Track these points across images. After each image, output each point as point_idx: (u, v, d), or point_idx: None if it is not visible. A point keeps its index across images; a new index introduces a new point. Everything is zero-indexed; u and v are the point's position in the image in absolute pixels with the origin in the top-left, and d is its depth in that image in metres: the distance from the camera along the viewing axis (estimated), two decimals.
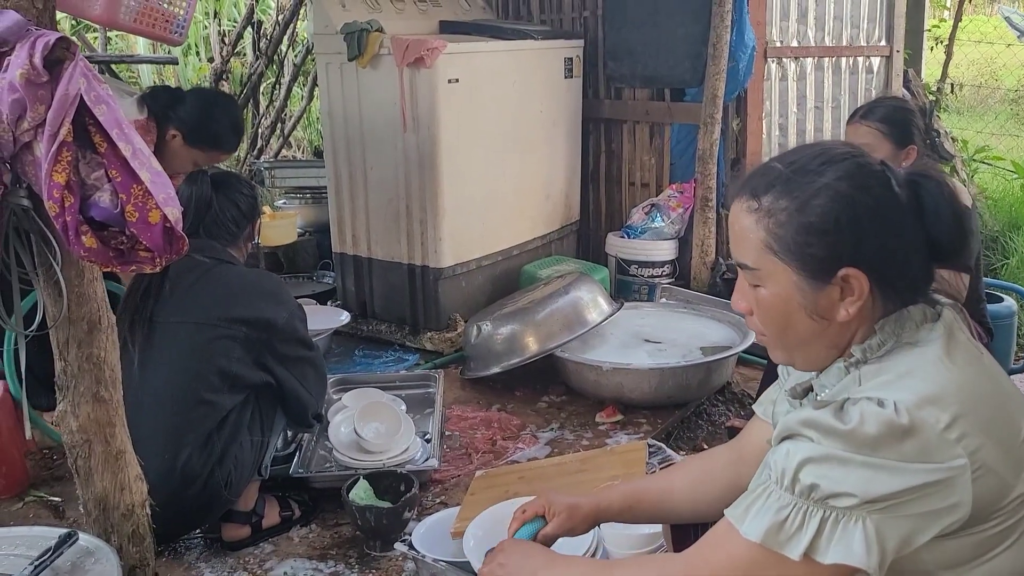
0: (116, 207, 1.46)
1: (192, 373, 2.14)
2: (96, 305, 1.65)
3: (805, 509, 1.02)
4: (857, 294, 1.09)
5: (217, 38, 7.20)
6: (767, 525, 1.04)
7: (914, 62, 5.52)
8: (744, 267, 1.16)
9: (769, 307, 1.14)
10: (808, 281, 1.10)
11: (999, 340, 2.92)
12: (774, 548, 1.03)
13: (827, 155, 1.12)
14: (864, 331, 1.13)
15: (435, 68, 3.33)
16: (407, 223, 3.58)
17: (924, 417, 1.00)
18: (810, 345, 1.15)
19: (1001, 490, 1.02)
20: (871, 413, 1.00)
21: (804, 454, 1.02)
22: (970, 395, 1.04)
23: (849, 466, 0.99)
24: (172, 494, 2.01)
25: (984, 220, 4.68)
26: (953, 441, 0.99)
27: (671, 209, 4.06)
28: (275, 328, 2.22)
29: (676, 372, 2.99)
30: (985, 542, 1.04)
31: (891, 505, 0.99)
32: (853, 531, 0.99)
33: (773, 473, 1.06)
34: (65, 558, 1.51)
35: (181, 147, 2.90)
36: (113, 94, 2.79)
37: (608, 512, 1.50)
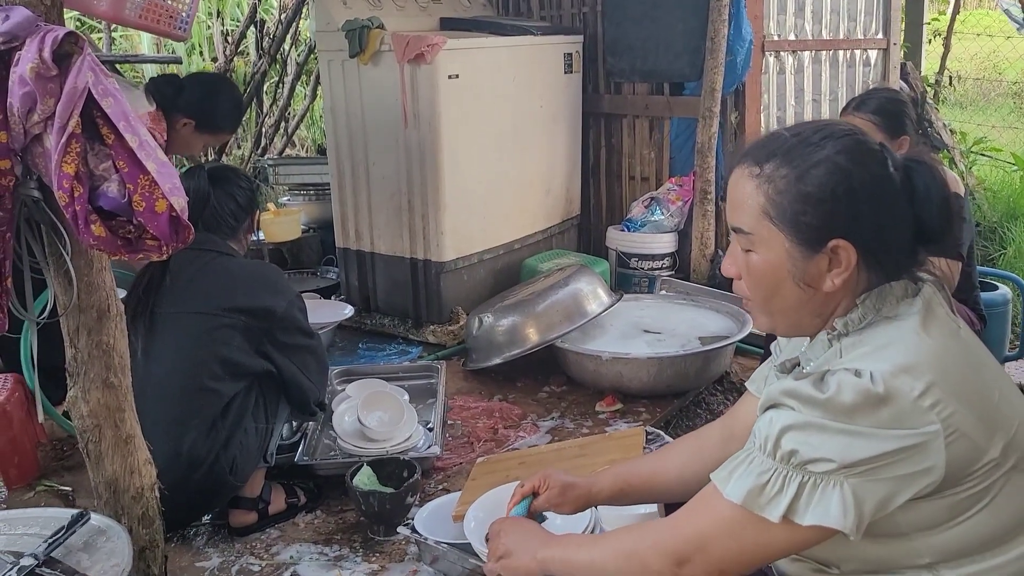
0: (124, 197, 1.51)
1: (194, 361, 2.18)
2: (105, 293, 1.70)
3: (785, 474, 1.07)
4: (844, 265, 1.14)
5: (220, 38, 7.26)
6: (748, 488, 1.08)
7: (913, 55, 5.55)
8: (739, 231, 1.20)
9: (760, 272, 1.18)
10: (799, 249, 1.15)
11: (993, 328, 2.96)
12: (754, 510, 1.08)
13: (828, 130, 1.18)
14: (847, 303, 1.18)
15: (435, 64, 3.37)
16: (409, 218, 3.63)
17: (899, 385, 1.04)
18: (794, 312, 1.19)
19: (974, 454, 1.06)
20: (848, 383, 1.05)
21: (785, 421, 1.07)
22: (944, 364, 1.08)
23: (827, 433, 1.04)
24: (179, 479, 2.06)
25: (982, 211, 4.71)
26: (927, 408, 1.04)
27: (671, 202, 4.10)
28: (275, 317, 2.27)
29: (675, 361, 3.03)
30: (959, 504, 1.08)
31: (868, 470, 1.03)
32: (831, 495, 1.04)
33: (757, 440, 1.11)
34: (78, 536, 1.56)
35: (191, 134, 3.01)
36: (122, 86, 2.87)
37: (600, 496, 1.54)
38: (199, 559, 2.22)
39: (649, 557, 1.18)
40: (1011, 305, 3.33)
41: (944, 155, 5.04)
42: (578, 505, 1.54)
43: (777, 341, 1.51)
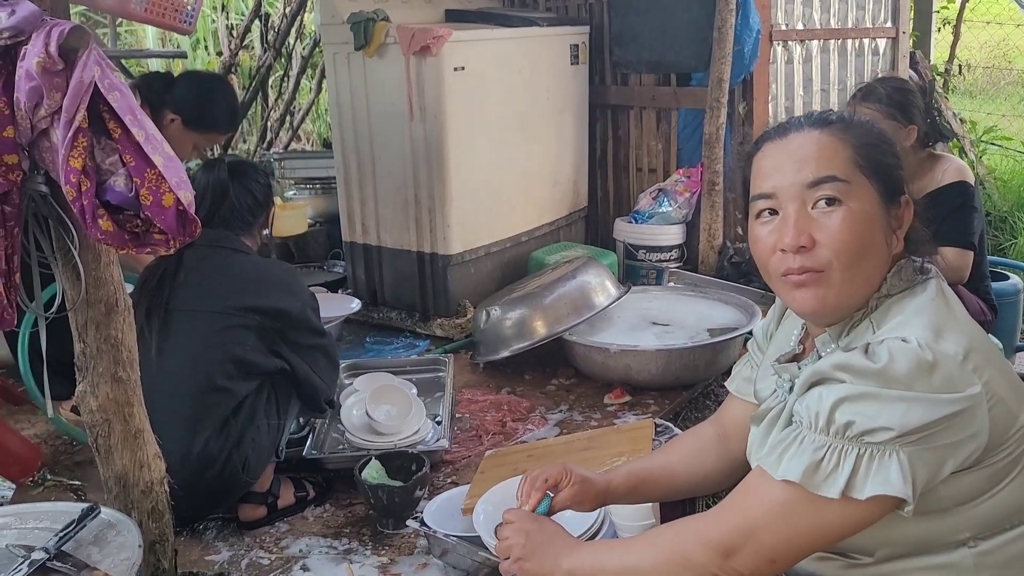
0: (131, 191, 1.50)
1: (207, 360, 2.18)
2: (113, 288, 1.70)
3: (841, 448, 1.04)
4: (906, 223, 1.17)
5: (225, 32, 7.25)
6: (804, 466, 1.05)
7: (923, 43, 5.51)
8: (830, 180, 1.13)
9: (854, 227, 1.12)
10: (884, 202, 1.15)
11: (1004, 317, 2.94)
12: (811, 489, 1.04)
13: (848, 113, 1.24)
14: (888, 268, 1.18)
15: (441, 56, 3.36)
16: (415, 211, 3.62)
17: (944, 350, 1.04)
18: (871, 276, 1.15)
19: (1009, 419, 1.07)
20: (900, 349, 1.03)
21: (838, 394, 1.04)
22: (972, 332, 1.10)
23: (883, 401, 1.02)
24: (191, 477, 2.07)
25: (993, 200, 4.69)
26: (970, 371, 1.04)
27: (678, 194, 4.09)
28: (288, 317, 2.27)
29: (683, 353, 3.02)
30: (995, 474, 1.08)
31: (923, 436, 1.01)
32: (889, 464, 1.01)
33: (805, 418, 1.07)
34: (88, 530, 1.56)
35: (180, 131, 2.96)
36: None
37: (616, 493, 1.51)
38: (209, 552, 2.22)
39: (692, 550, 1.13)
40: (1022, 295, 3.30)
41: (954, 144, 5.01)
42: (596, 503, 1.50)
43: (754, 338, 1.49)
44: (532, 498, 1.45)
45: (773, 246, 1.16)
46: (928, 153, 2.58)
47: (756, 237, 1.20)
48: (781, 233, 1.15)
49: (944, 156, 2.63)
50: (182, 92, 2.92)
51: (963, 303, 2.49)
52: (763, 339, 1.47)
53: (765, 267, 1.20)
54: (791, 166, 1.15)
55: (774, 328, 1.45)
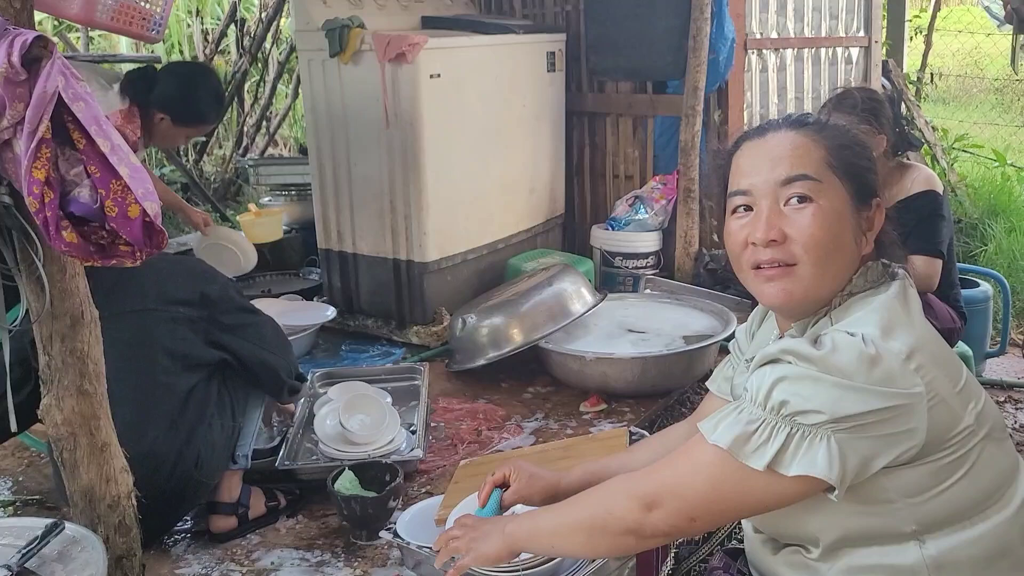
0: (96, 202, 1.48)
1: (142, 359, 2.15)
2: (79, 300, 1.67)
3: (774, 424, 1.07)
4: (876, 226, 1.19)
5: (200, 36, 7.20)
6: (735, 434, 1.09)
7: (895, 52, 5.57)
8: (801, 178, 1.16)
9: (824, 224, 1.15)
10: (856, 203, 1.18)
11: (974, 325, 2.97)
12: (739, 457, 1.08)
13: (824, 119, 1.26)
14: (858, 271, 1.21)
15: (417, 63, 3.35)
16: (392, 218, 3.61)
17: (888, 347, 1.07)
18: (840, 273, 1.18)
19: (951, 420, 1.10)
20: (843, 341, 1.07)
21: (779, 373, 1.08)
22: (922, 334, 1.13)
23: (820, 385, 1.05)
24: (144, 481, 2.02)
25: (964, 207, 4.74)
26: (913, 371, 1.07)
27: (655, 201, 4.10)
28: (212, 301, 2.26)
29: (659, 361, 3.03)
30: (940, 471, 1.10)
31: (856, 426, 1.05)
32: (818, 447, 1.05)
33: (749, 392, 1.12)
34: (52, 547, 1.54)
35: (170, 128, 2.97)
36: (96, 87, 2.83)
37: (569, 488, 1.53)
38: (179, 566, 2.19)
39: (616, 503, 1.18)
40: (992, 302, 3.34)
41: (926, 151, 5.06)
42: (546, 496, 1.54)
43: (736, 339, 1.51)
44: (482, 493, 1.54)
45: (745, 240, 1.20)
46: (898, 162, 2.60)
47: (730, 231, 1.24)
48: (753, 227, 1.18)
49: (914, 165, 2.66)
50: (166, 90, 2.91)
51: (933, 311, 2.53)
52: (745, 340, 1.50)
53: (737, 260, 1.23)
54: (766, 164, 1.19)
55: (756, 328, 1.48)
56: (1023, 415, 3.04)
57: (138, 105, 2.90)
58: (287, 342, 2.48)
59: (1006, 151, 5.51)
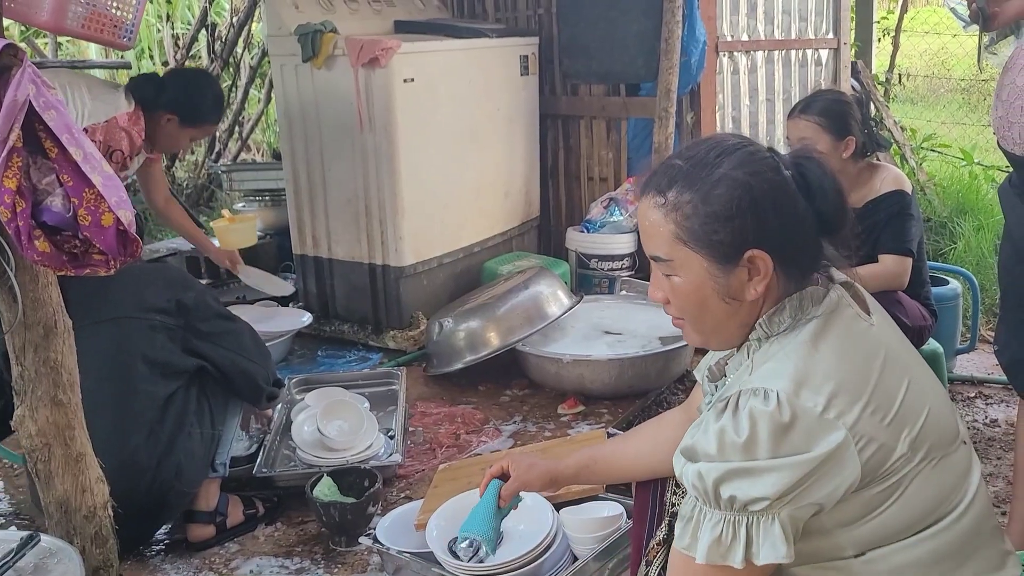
0: (68, 211, 1.47)
1: (120, 367, 2.14)
2: (51, 309, 1.66)
3: (733, 520, 1.12)
4: (763, 273, 1.18)
5: (171, 41, 7.14)
6: (707, 546, 1.13)
7: (864, 53, 5.65)
8: (658, 259, 1.22)
9: (685, 294, 1.21)
10: (718, 266, 1.18)
11: (944, 322, 3.02)
12: (719, 562, 1.12)
13: (721, 147, 1.21)
14: (768, 307, 1.22)
15: (390, 68, 3.35)
16: (367, 223, 3.60)
17: (801, 404, 1.09)
18: (724, 326, 1.23)
19: (883, 455, 1.12)
20: (759, 413, 1.10)
21: (715, 474, 1.11)
22: (839, 372, 1.13)
23: (753, 474, 1.10)
24: (125, 490, 2.01)
25: (933, 206, 4.80)
26: (833, 419, 1.09)
27: (629, 203, 4.11)
28: (188, 308, 2.25)
29: (635, 362, 3.05)
30: (871, 501, 1.13)
31: (794, 496, 1.09)
32: (773, 529, 1.10)
33: (698, 496, 1.15)
34: (27, 560, 1.52)
35: (177, 129, 3.10)
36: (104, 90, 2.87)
37: (565, 474, 1.59)
38: None
39: None
40: (961, 299, 3.39)
41: (895, 151, 5.13)
42: (544, 482, 1.58)
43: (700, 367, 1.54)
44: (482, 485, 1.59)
45: None
46: (867, 163, 2.64)
47: None
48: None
49: (882, 166, 2.69)
50: (174, 91, 3.04)
51: (904, 309, 2.56)
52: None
53: None
54: (642, 235, 1.26)
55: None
56: (993, 410, 3.09)
57: (144, 109, 2.97)
58: (265, 349, 2.48)
59: (973, 150, 5.59)
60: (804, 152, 1.24)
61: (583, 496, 2.11)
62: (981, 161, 5.38)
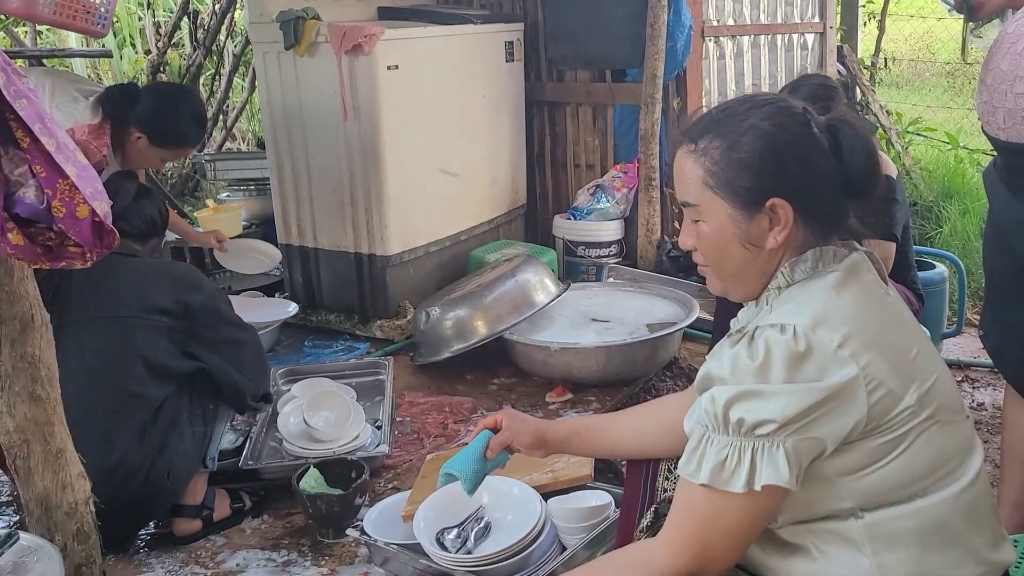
0: (42, 203, 1.44)
1: (115, 368, 2.11)
2: (28, 303, 1.63)
3: (740, 445, 1.14)
4: (783, 223, 1.22)
5: (153, 29, 7.04)
6: (711, 468, 1.15)
7: (850, 38, 5.63)
8: (687, 205, 1.28)
9: (709, 239, 1.26)
10: (741, 212, 1.23)
11: (931, 306, 3.02)
12: (721, 487, 1.14)
13: (752, 101, 1.27)
14: (789, 257, 1.26)
15: (374, 55, 3.31)
16: (352, 212, 3.57)
17: (818, 338, 1.13)
18: (742, 273, 1.27)
19: (891, 402, 1.14)
20: (774, 342, 1.14)
21: (727, 396, 1.14)
22: (858, 319, 1.17)
23: (764, 396, 1.12)
24: (115, 491, 1.99)
25: (919, 190, 4.81)
26: (846, 357, 1.13)
27: (616, 190, 4.10)
28: (194, 312, 2.21)
29: (623, 349, 3.04)
30: (877, 450, 1.15)
31: (802, 425, 1.11)
32: (778, 456, 1.12)
33: (707, 420, 1.17)
34: (6, 558, 1.50)
35: (147, 147, 2.89)
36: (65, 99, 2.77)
37: (554, 437, 1.60)
38: (141, 571, 2.16)
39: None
40: (948, 283, 3.40)
41: (881, 135, 5.12)
42: (534, 438, 1.59)
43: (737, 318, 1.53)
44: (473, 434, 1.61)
45: None
46: None
47: None
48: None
49: None
50: (145, 108, 2.84)
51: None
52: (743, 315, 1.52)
53: None
54: (675, 182, 1.31)
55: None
56: (979, 394, 3.10)
57: (113, 121, 2.82)
58: (265, 365, 2.44)
59: (958, 134, 5.59)
60: (841, 114, 1.28)
61: (571, 486, 2.10)
62: (966, 145, 5.38)
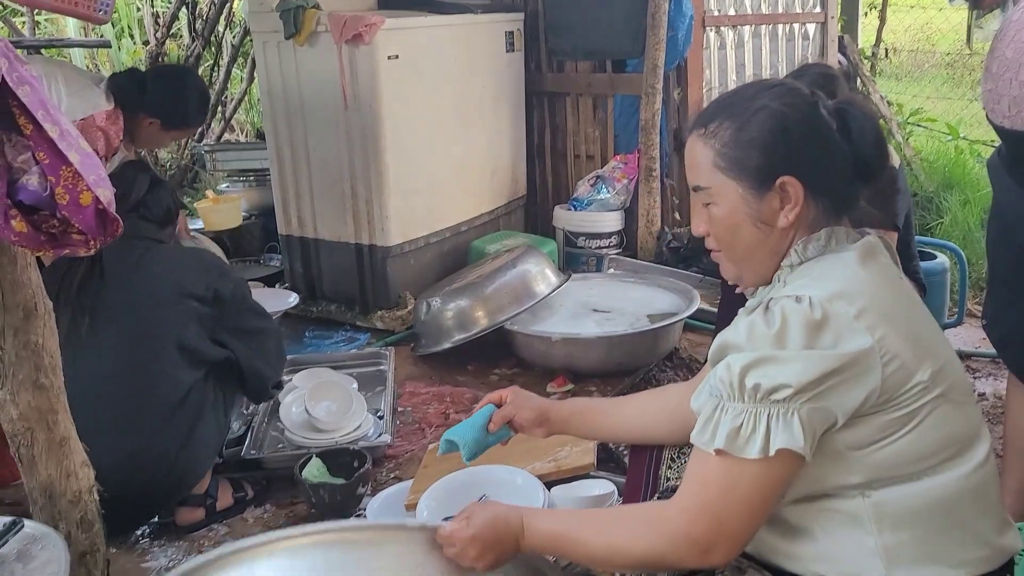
0: (45, 190, 1.44)
1: (148, 352, 2.13)
2: (31, 291, 1.62)
3: (755, 411, 1.13)
4: (794, 201, 1.23)
5: (151, 20, 7.02)
6: (726, 433, 1.14)
7: (850, 28, 5.63)
8: (699, 188, 1.29)
9: (721, 221, 1.27)
10: (751, 192, 1.24)
11: (932, 296, 3.02)
12: (736, 453, 1.14)
13: (762, 84, 1.30)
14: (802, 236, 1.26)
15: (374, 44, 3.30)
16: (352, 203, 3.56)
17: (835, 309, 1.13)
18: (755, 254, 1.27)
19: (904, 375, 1.15)
20: (791, 309, 1.14)
21: (743, 362, 1.15)
22: (876, 293, 1.17)
23: (780, 362, 1.12)
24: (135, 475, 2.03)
25: (919, 181, 4.81)
26: (863, 328, 1.13)
27: (616, 180, 4.10)
28: (223, 300, 2.24)
29: (624, 340, 3.04)
30: (888, 425, 1.16)
31: (817, 393, 1.11)
32: (792, 421, 1.12)
33: (722, 389, 1.17)
34: (11, 546, 1.50)
35: (159, 131, 2.97)
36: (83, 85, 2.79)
37: (557, 416, 1.62)
38: (144, 560, 2.16)
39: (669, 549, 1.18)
40: (949, 273, 3.40)
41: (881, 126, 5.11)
42: (536, 414, 1.61)
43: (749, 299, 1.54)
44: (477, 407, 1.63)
45: None
46: None
47: None
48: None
49: None
50: (156, 96, 2.89)
51: None
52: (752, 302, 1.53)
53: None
54: (687, 167, 1.32)
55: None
56: (980, 384, 3.10)
57: (124, 109, 2.84)
58: (283, 355, 2.49)
59: (958, 125, 5.59)
60: (848, 98, 1.29)
61: (574, 475, 2.10)
62: (967, 136, 5.38)
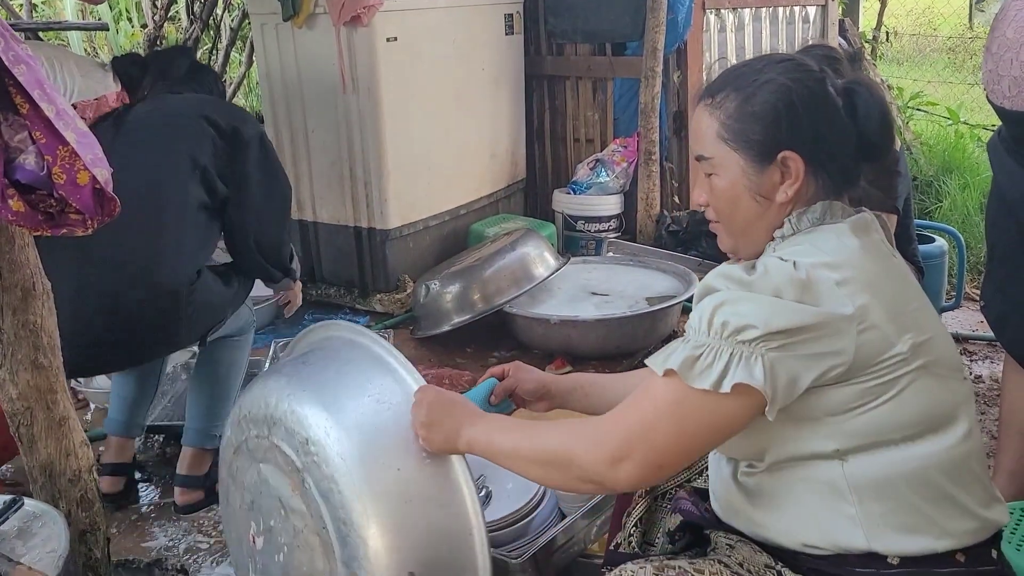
0: (42, 169, 1.43)
1: (169, 154, 2.17)
2: (29, 271, 1.62)
3: (717, 348, 1.13)
4: (794, 176, 1.23)
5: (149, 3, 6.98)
6: (683, 358, 1.14)
7: (851, 11, 5.60)
8: (701, 158, 1.29)
9: (721, 192, 1.27)
10: (753, 164, 1.24)
11: (930, 279, 3.03)
12: (689, 381, 1.13)
13: (770, 58, 1.30)
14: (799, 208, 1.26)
15: (372, 26, 3.29)
16: (351, 185, 3.56)
17: (819, 274, 1.14)
18: (753, 227, 1.27)
19: (882, 345, 1.14)
20: (774, 265, 1.16)
21: (717, 300, 1.16)
22: (862, 265, 1.17)
23: (754, 302, 1.13)
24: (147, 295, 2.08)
25: (919, 165, 4.80)
26: (845, 295, 1.13)
27: (615, 164, 4.10)
28: (242, 141, 2.24)
29: (623, 323, 3.05)
30: (866, 393, 1.15)
31: (786, 343, 1.11)
32: (755, 364, 1.11)
33: (692, 324, 1.18)
34: (11, 523, 1.51)
35: None
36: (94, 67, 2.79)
37: (558, 390, 1.61)
38: (145, 539, 2.18)
39: (582, 450, 1.19)
40: (947, 257, 3.40)
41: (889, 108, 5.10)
42: (537, 386, 1.60)
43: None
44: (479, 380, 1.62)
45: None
46: None
47: None
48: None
49: None
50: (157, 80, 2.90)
51: None
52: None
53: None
54: (691, 137, 1.36)
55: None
56: (977, 367, 3.11)
57: (128, 90, 2.84)
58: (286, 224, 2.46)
59: (959, 109, 5.58)
60: (857, 78, 1.28)
61: None
62: (967, 120, 5.37)
